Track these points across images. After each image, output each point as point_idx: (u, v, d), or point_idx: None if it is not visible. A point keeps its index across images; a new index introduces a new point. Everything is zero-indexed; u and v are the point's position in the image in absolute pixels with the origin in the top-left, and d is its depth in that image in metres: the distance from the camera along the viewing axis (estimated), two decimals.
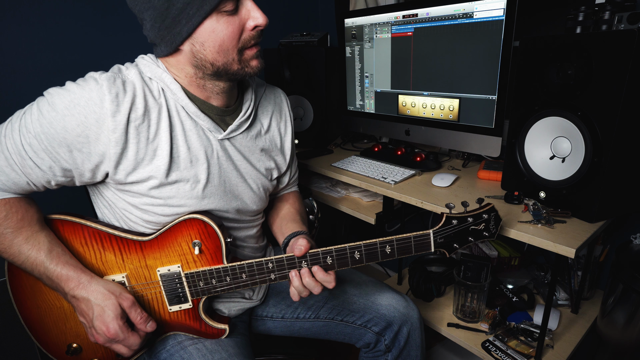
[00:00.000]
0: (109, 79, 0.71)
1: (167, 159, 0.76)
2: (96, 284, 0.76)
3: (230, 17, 0.71)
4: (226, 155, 0.85)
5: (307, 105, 1.60)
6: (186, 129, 0.79)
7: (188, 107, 0.78)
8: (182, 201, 0.80)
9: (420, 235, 0.79)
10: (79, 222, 0.81)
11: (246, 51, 0.76)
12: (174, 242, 0.81)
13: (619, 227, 1.24)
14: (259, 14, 0.73)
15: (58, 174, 0.73)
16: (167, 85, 0.77)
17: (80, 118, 0.68)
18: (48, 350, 0.87)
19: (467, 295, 1.22)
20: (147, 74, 0.76)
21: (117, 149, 0.72)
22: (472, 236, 0.81)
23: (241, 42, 0.74)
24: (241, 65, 0.76)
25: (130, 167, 0.74)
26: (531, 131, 0.98)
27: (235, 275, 0.82)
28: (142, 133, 0.73)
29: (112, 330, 0.73)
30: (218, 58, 0.73)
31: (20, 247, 0.74)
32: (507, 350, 1.11)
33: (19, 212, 0.75)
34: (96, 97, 0.69)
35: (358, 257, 0.79)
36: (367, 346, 1.03)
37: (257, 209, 0.95)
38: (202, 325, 0.86)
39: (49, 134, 0.69)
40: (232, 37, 0.72)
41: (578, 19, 0.91)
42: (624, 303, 1.00)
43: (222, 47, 0.72)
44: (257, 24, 0.73)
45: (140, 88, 0.74)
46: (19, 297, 0.85)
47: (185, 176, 0.79)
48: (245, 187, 0.90)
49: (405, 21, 1.28)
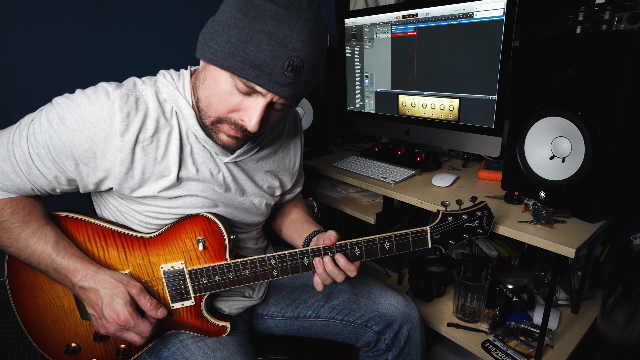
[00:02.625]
0: (122, 97, 0.70)
1: (174, 179, 0.77)
2: (103, 274, 0.76)
3: (236, 91, 0.69)
4: (232, 176, 0.85)
5: (307, 105, 1.60)
6: (194, 151, 0.79)
7: (198, 134, 0.77)
8: (188, 211, 0.81)
9: (418, 232, 0.81)
10: (82, 219, 0.81)
11: (225, 124, 0.73)
12: (177, 239, 0.82)
13: (619, 227, 1.24)
14: (254, 118, 0.69)
15: (63, 183, 0.75)
16: (181, 110, 0.76)
17: (89, 135, 0.69)
18: (46, 351, 0.87)
19: (467, 295, 1.22)
20: (164, 94, 0.75)
21: (122, 168, 0.72)
22: (466, 233, 0.84)
23: (225, 116, 0.72)
24: (212, 127, 0.75)
25: (135, 185, 0.75)
26: (531, 131, 0.99)
27: (238, 272, 0.82)
28: (149, 154, 0.74)
29: (122, 317, 0.73)
30: (202, 100, 0.73)
31: (27, 241, 0.75)
32: (507, 350, 1.11)
33: (26, 207, 0.76)
34: (106, 115, 0.69)
35: (358, 253, 0.81)
36: (368, 345, 1.03)
37: (258, 221, 0.96)
38: (204, 323, 0.86)
39: (57, 147, 0.69)
40: (222, 104, 0.71)
41: (578, 19, 0.91)
42: (624, 303, 1.00)
43: (209, 98, 0.72)
44: (245, 123, 0.71)
45: (153, 109, 0.73)
46: (17, 296, 0.85)
47: (191, 192, 0.80)
48: (248, 204, 0.91)
49: (405, 21, 1.28)
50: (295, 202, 1.10)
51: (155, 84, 0.76)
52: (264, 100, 0.69)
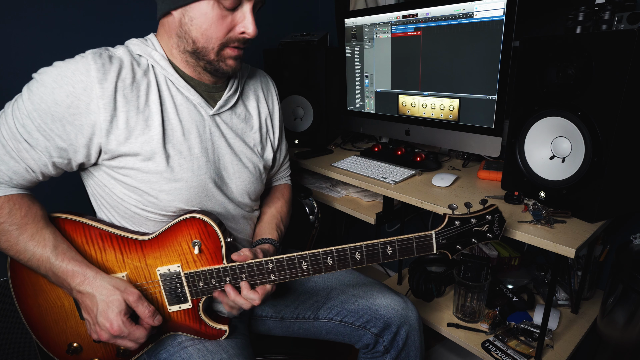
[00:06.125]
0: (94, 53, 0.73)
1: (160, 129, 0.77)
2: (101, 280, 0.76)
3: (225, 12, 0.74)
4: (219, 131, 0.87)
5: (307, 105, 1.60)
6: (177, 102, 0.81)
7: (178, 82, 0.81)
8: (179, 175, 0.80)
9: (422, 237, 0.78)
10: (79, 220, 0.81)
11: (227, 49, 0.79)
12: (173, 242, 0.81)
13: (619, 227, 1.24)
14: (251, 25, 0.76)
15: (54, 155, 0.74)
16: (156, 61, 0.79)
17: (68, 88, 0.70)
18: (49, 349, 0.88)
19: (467, 295, 1.22)
20: (137, 51, 0.79)
21: (107, 115, 0.73)
22: (475, 237, 0.80)
23: (225, 38, 0.77)
24: (217, 57, 0.79)
25: (122, 137, 0.75)
26: (531, 131, 0.98)
27: (235, 276, 0.82)
28: (131, 102, 0.75)
29: (115, 327, 0.73)
30: (200, 39, 0.76)
31: (25, 245, 0.75)
32: (507, 350, 1.11)
33: (22, 208, 0.75)
34: (82, 67, 0.71)
35: (359, 258, 0.79)
36: (366, 347, 1.03)
37: (255, 189, 0.96)
38: (202, 326, 0.86)
39: (40, 110, 0.70)
40: (219, 30, 0.76)
41: (578, 19, 0.91)
42: (624, 303, 1.00)
43: (206, 32, 0.75)
44: (246, 31, 0.77)
45: (127, 61, 0.76)
46: (20, 296, 0.85)
47: (179, 149, 0.80)
48: (240, 166, 0.91)
49: (405, 21, 1.28)
50: (276, 194, 1.09)
51: (127, 47, 0.80)
52: (249, 3, 0.76)
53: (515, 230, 0.90)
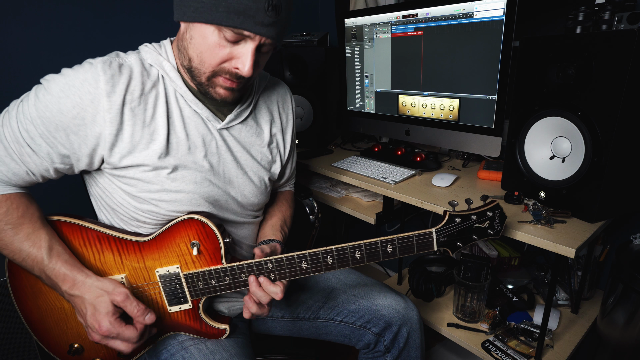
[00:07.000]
0: (104, 62, 0.72)
1: (164, 144, 0.76)
2: (90, 283, 0.75)
3: (224, 42, 0.71)
4: (225, 145, 0.85)
5: (307, 105, 1.60)
6: (185, 115, 0.80)
7: (186, 95, 0.79)
8: (181, 186, 0.80)
9: (423, 234, 0.78)
10: (77, 223, 0.81)
11: (219, 77, 0.76)
12: (172, 243, 0.81)
13: (619, 227, 1.24)
14: (247, 63, 0.72)
15: (56, 161, 0.74)
16: (167, 73, 0.78)
17: (75, 99, 0.69)
18: (50, 350, 0.88)
19: (467, 295, 1.22)
20: (148, 60, 0.77)
21: (112, 129, 0.72)
22: (476, 234, 0.80)
23: (218, 67, 0.74)
24: (208, 83, 0.77)
25: (125, 150, 0.74)
26: (531, 131, 0.98)
27: (234, 276, 0.82)
28: (138, 115, 0.74)
29: (103, 327, 0.73)
30: (195, 59, 0.74)
31: (20, 245, 0.74)
32: (507, 350, 1.11)
33: (20, 208, 0.75)
34: (91, 78, 0.70)
35: (359, 256, 0.79)
36: (367, 347, 1.03)
37: (259, 202, 0.95)
38: (202, 326, 0.86)
39: (44, 118, 0.69)
40: (213, 57, 0.73)
41: (578, 19, 0.91)
42: (624, 303, 1.00)
43: (201, 55, 0.73)
44: (239, 70, 0.73)
45: (138, 72, 0.75)
46: (20, 298, 0.85)
47: (182, 162, 0.79)
48: (245, 180, 0.90)
49: (405, 21, 1.28)
50: (280, 201, 1.09)
51: (139, 54, 0.78)
52: (253, 43, 0.72)
53: (515, 230, 0.90)
